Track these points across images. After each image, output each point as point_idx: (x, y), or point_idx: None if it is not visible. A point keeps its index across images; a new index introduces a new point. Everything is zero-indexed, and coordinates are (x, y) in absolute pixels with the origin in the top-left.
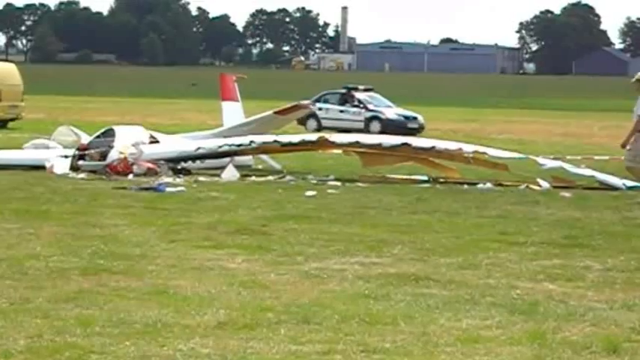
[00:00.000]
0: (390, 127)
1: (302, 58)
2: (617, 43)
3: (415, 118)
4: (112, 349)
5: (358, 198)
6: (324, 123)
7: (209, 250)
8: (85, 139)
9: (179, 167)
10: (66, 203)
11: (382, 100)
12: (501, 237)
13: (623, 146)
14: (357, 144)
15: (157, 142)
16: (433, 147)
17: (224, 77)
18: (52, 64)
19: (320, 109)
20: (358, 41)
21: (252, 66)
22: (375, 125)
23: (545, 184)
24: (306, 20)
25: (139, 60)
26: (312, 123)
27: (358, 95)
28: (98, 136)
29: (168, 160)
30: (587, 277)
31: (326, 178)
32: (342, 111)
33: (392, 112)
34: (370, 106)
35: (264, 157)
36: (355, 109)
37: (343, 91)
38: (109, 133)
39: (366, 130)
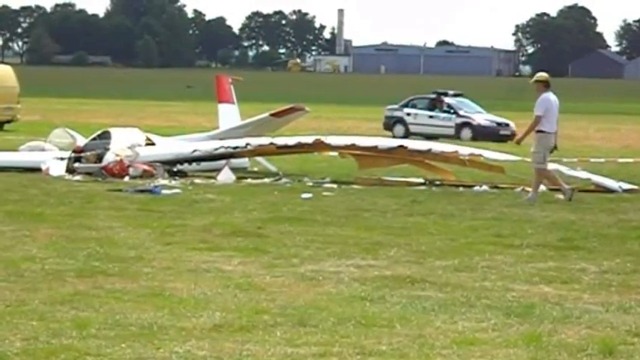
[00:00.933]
0: (481, 133)
1: (298, 61)
2: (613, 46)
3: (507, 125)
4: (108, 352)
5: (354, 200)
6: (412, 129)
7: (205, 252)
8: (81, 141)
9: (175, 169)
10: (61, 205)
11: (472, 105)
12: (497, 239)
13: (518, 143)
14: (353, 146)
15: (153, 144)
16: (429, 149)
17: (220, 79)
18: (48, 66)
19: (408, 114)
20: (354, 43)
21: (248, 68)
22: (466, 132)
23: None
24: (302, 22)
25: (134, 62)
26: (399, 129)
27: (448, 100)
28: (94, 139)
29: (164, 163)
30: (582, 280)
31: (322, 180)
32: (431, 117)
33: (483, 118)
34: (461, 112)
35: (260, 159)
36: (445, 115)
37: (432, 95)
38: (105, 136)
39: (456, 136)
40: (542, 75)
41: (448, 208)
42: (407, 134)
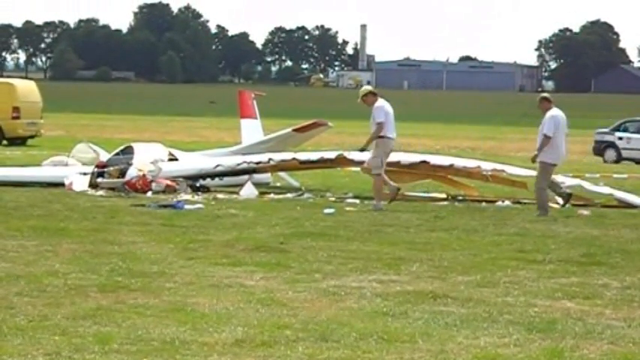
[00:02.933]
0: None
1: (321, 76)
2: (636, 61)
3: None
4: None
5: (376, 216)
6: (625, 154)
7: (227, 267)
8: (104, 156)
9: (198, 185)
10: (84, 220)
11: None
12: (519, 255)
13: (362, 150)
14: None
15: (176, 159)
16: (451, 165)
17: (243, 94)
18: (71, 82)
19: (620, 138)
20: (377, 59)
21: (270, 83)
22: None
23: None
24: (325, 38)
25: (157, 77)
26: (610, 153)
27: None
28: (117, 154)
29: (187, 178)
30: (605, 295)
31: (344, 195)
32: None
33: None
34: None
35: (282, 174)
36: None
37: None
38: (128, 151)
39: None
40: (367, 88)
41: (471, 224)
42: (619, 159)
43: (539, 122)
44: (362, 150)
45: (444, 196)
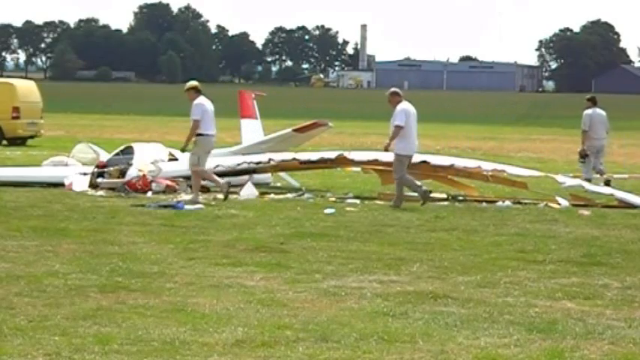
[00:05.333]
0: None
1: (321, 76)
2: (637, 61)
3: None
4: None
5: (377, 216)
6: None
7: (227, 267)
8: (104, 156)
9: None
10: (84, 221)
11: None
12: (520, 255)
13: (183, 151)
14: (376, 162)
15: (176, 159)
16: (452, 165)
17: (243, 94)
18: (71, 82)
19: None
20: (377, 59)
21: (271, 84)
22: None
23: (564, 202)
24: (326, 38)
25: (158, 77)
26: None
27: None
28: (117, 154)
29: (187, 178)
30: (605, 296)
31: (345, 195)
32: None
33: None
34: None
35: (282, 174)
36: None
37: None
38: (128, 151)
39: None
40: (192, 83)
41: (471, 224)
42: None
43: (539, 122)
44: (182, 151)
45: (444, 196)
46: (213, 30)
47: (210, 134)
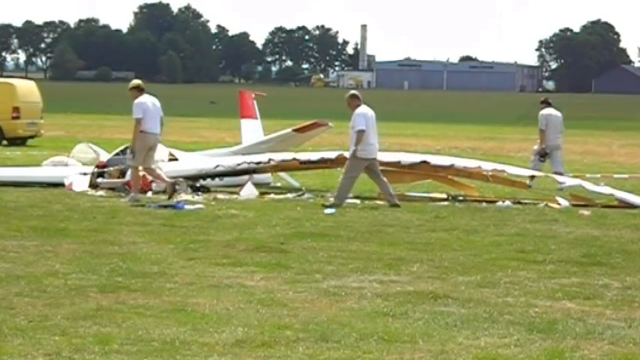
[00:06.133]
0: None
1: (321, 76)
2: (637, 61)
3: None
4: None
5: (377, 216)
6: None
7: (227, 267)
8: (104, 156)
9: (198, 185)
10: (84, 221)
11: None
12: (520, 255)
13: (132, 151)
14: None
15: (176, 159)
16: (452, 165)
17: (243, 94)
18: (72, 82)
19: None
20: (377, 59)
21: (271, 84)
22: None
23: (564, 202)
24: (326, 38)
25: (158, 77)
26: None
27: None
28: (117, 154)
29: (187, 178)
30: (605, 296)
31: None
32: None
33: None
34: None
35: (282, 174)
36: None
37: None
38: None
39: None
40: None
41: (471, 224)
42: None
43: (537, 122)
44: (132, 151)
45: (444, 196)
46: (214, 30)
47: (150, 132)
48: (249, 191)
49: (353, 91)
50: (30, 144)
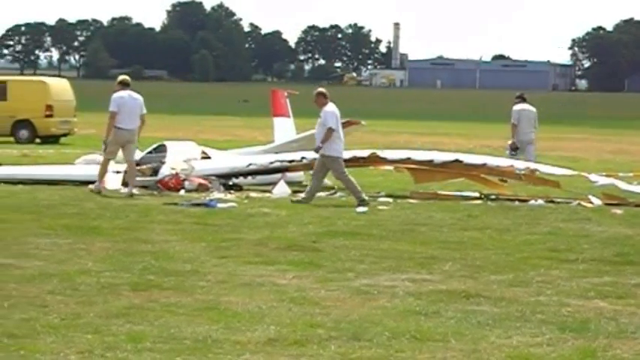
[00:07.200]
0: None
1: (354, 75)
2: None
3: None
4: None
5: (409, 214)
6: None
7: (259, 266)
8: (137, 154)
9: (230, 183)
10: (117, 219)
11: None
12: (552, 254)
13: (104, 143)
14: (408, 160)
15: (209, 158)
16: (484, 164)
17: (275, 93)
18: (104, 80)
19: None
20: (410, 57)
21: (303, 82)
22: None
23: (596, 201)
24: (358, 36)
25: (190, 76)
26: None
27: None
28: (150, 152)
29: (220, 176)
30: (638, 295)
31: (377, 194)
32: None
33: None
34: None
35: None
36: None
37: None
38: (161, 149)
39: None
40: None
41: (504, 223)
42: None
43: (569, 121)
44: (104, 143)
45: (476, 195)
46: (246, 28)
47: (123, 128)
48: (281, 190)
49: (321, 89)
50: (63, 142)
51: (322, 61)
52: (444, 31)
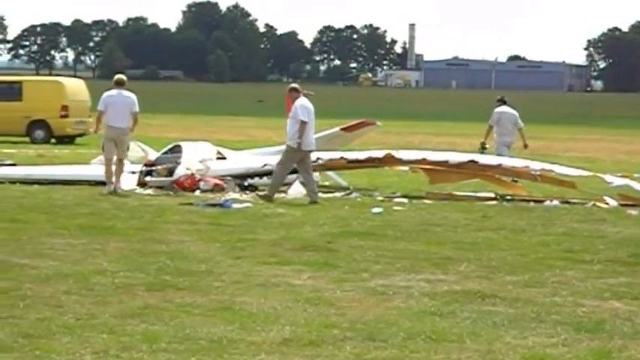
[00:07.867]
0: None
1: (369, 75)
2: None
3: None
4: None
5: (424, 215)
6: None
7: (275, 266)
8: (153, 155)
9: (246, 183)
10: (132, 219)
11: None
12: (567, 255)
13: (95, 132)
14: (423, 161)
15: (224, 158)
16: (500, 164)
17: None
18: None
19: None
20: (425, 58)
21: (319, 83)
22: None
23: (612, 202)
24: (374, 37)
25: (206, 76)
26: None
27: None
28: (165, 152)
29: (235, 177)
30: None
31: (392, 194)
32: None
33: None
34: None
35: (330, 173)
36: None
37: None
38: (176, 150)
39: None
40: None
41: (519, 223)
42: None
43: (584, 122)
44: (95, 131)
45: (492, 195)
46: (262, 29)
47: (113, 126)
48: (296, 190)
49: (293, 84)
50: (78, 142)
51: (338, 62)
52: (460, 31)
